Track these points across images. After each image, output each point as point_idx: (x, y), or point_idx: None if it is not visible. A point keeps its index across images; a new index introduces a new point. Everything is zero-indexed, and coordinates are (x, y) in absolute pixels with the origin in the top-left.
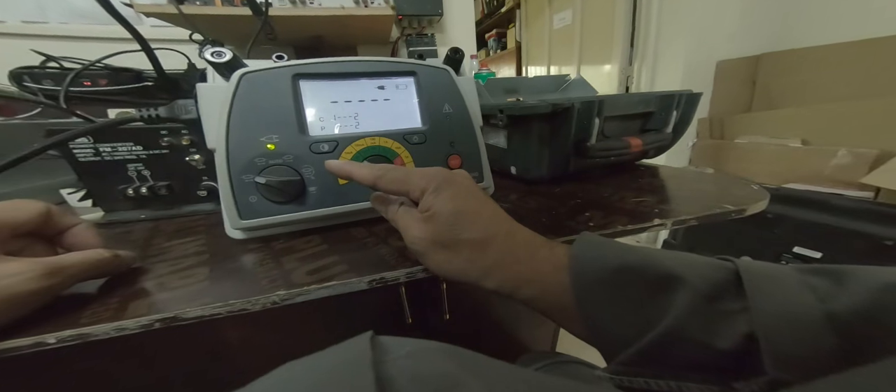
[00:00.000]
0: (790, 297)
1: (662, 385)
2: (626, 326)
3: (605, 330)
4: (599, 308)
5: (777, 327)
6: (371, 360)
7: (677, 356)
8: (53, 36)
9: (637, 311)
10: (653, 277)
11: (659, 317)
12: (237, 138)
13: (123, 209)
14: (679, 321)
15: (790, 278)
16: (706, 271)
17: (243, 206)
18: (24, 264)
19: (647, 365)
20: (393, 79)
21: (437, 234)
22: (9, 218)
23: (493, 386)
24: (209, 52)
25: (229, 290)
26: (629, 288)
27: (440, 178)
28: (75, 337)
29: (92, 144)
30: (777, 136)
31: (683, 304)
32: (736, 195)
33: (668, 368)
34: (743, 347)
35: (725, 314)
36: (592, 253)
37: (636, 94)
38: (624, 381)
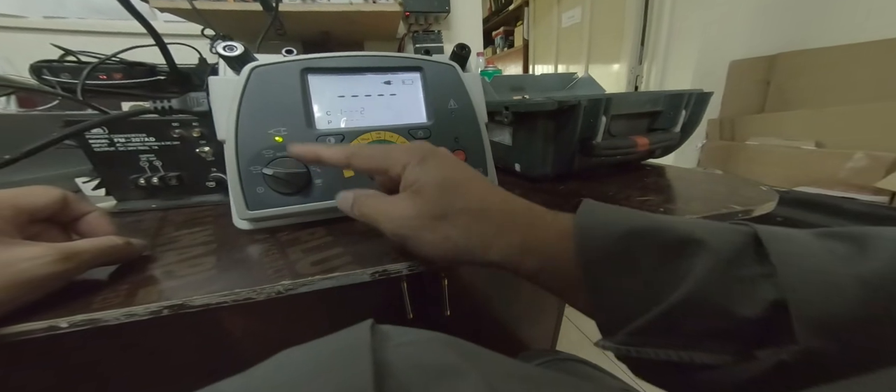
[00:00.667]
0: (816, 261)
1: (672, 355)
2: (636, 296)
3: (611, 301)
4: (607, 275)
5: (809, 292)
6: (370, 345)
7: (694, 324)
8: (72, 30)
9: (649, 279)
10: (669, 240)
11: (674, 283)
12: (246, 130)
13: (135, 198)
14: (699, 286)
15: (811, 242)
16: (726, 234)
17: (251, 196)
18: (41, 248)
19: (659, 335)
20: (399, 74)
21: (429, 208)
22: (28, 203)
23: (491, 375)
24: (221, 46)
25: (235, 280)
26: (639, 254)
27: (422, 150)
28: (87, 322)
29: (107, 135)
30: (790, 137)
31: (704, 269)
32: (743, 195)
33: (681, 338)
34: (769, 314)
35: (748, 280)
36: (598, 218)
37: (644, 93)
38: (631, 351)
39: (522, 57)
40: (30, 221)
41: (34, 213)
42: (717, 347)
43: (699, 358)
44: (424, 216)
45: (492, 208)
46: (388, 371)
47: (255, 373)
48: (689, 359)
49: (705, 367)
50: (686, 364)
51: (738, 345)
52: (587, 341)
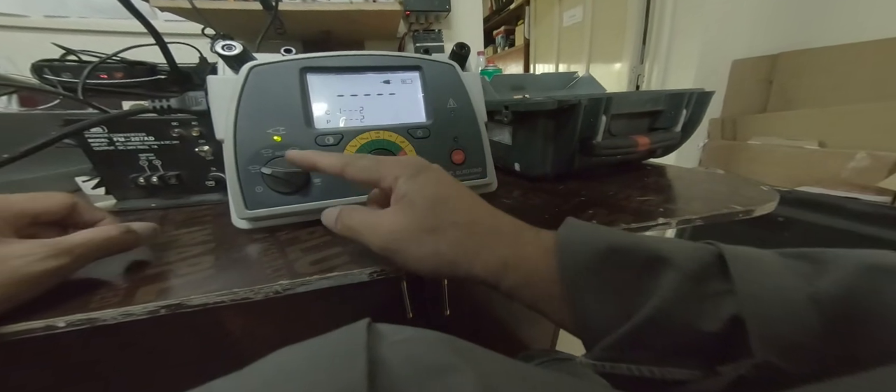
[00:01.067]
0: (774, 279)
1: (645, 371)
2: (612, 311)
3: (591, 316)
4: (587, 292)
5: (763, 308)
6: (365, 343)
7: (662, 340)
8: (73, 30)
9: (623, 295)
10: (641, 259)
11: (644, 299)
12: (245, 130)
13: (135, 198)
14: (665, 303)
15: (773, 261)
16: (692, 252)
17: (249, 196)
18: (32, 245)
19: (630, 350)
20: (398, 73)
21: (419, 221)
22: (30, 207)
23: (486, 373)
24: (220, 45)
25: (234, 279)
26: (616, 271)
27: (415, 165)
28: (84, 321)
29: (106, 134)
30: (793, 137)
31: (670, 285)
32: (744, 195)
33: (651, 353)
34: (728, 330)
35: (711, 296)
36: (580, 236)
37: (645, 92)
38: (606, 367)
39: (523, 56)
40: (30, 224)
41: (36, 216)
42: (685, 363)
43: (670, 374)
44: (414, 229)
45: (480, 223)
46: (382, 368)
47: (250, 371)
48: (660, 375)
49: (676, 383)
50: (658, 380)
51: (703, 360)
52: None
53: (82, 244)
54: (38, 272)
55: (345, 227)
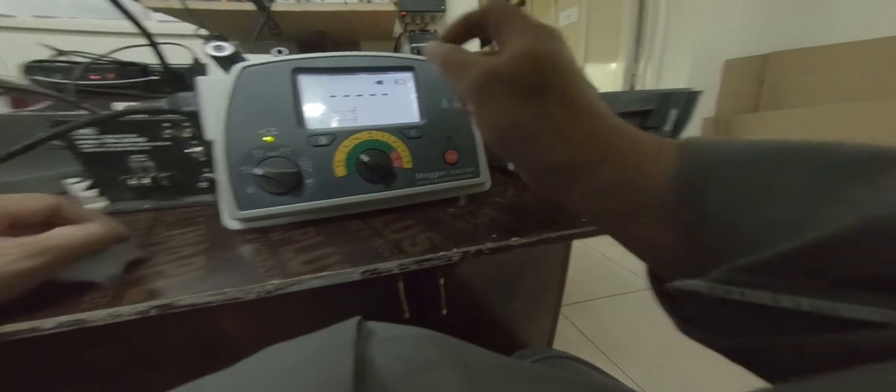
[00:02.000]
0: None
1: (804, 303)
2: (763, 224)
3: (721, 228)
4: (730, 196)
5: None
6: (354, 340)
7: (858, 265)
8: (63, 30)
9: (794, 204)
10: (843, 157)
11: (839, 211)
12: (236, 130)
13: (127, 199)
14: (880, 213)
15: None
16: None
17: (241, 197)
18: (7, 244)
19: (788, 275)
20: (391, 73)
21: (523, 74)
22: (12, 207)
23: (472, 369)
24: (210, 46)
25: (225, 279)
26: (786, 174)
27: (549, 29)
28: (72, 323)
29: (96, 136)
30: (784, 136)
31: (876, 189)
32: None
33: (827, 281)
34: None
35: None
36: (722, 140)
37: (636, 92)
38: (733, 292)
39: None
40: (10, 226)
41: (15, 217)
42: (881, 300)
43: (849, 311)
44: (517, 80)
45: (588, 110)
46: (369, 364)
47: (240, 368)
48: (831, 310)
49: (851, 325)
50: (822, 316)
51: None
52: (584, 340)
53: (62, 243)
54: (12, 272)
55: (445, 61)
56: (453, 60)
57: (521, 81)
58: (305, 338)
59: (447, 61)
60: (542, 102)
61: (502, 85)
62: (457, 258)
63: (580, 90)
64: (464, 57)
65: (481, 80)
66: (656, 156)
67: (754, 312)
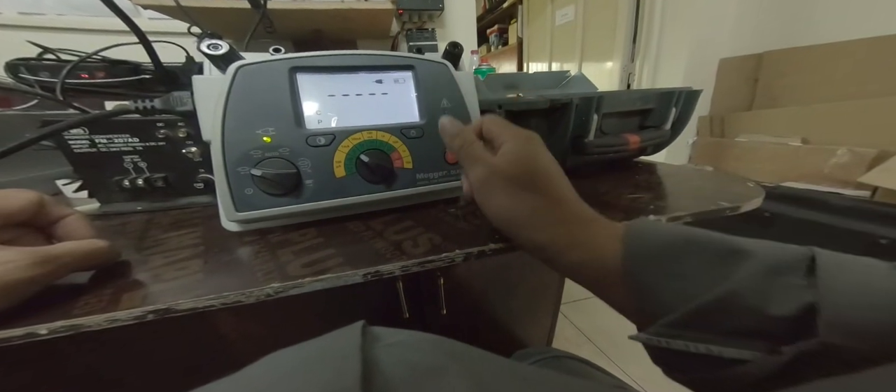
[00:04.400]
0: (861, 277)
1: (702, 348)
2: (677, 294)
3: (652, 297)
4: (652, 276)
5: (840, 297)
6: (360, 345)
7: (728, 321)
8: (50, 27)
9: (692, 280)
10: (720, 249)
11: (716, 284)
12: (233, 130)
13: (119, 201)
14: (738, 286)
15: (870, 265)
16: (778, 251)
17: (239, 198)
18: (14, 253)
19: (691, 328)
20: (391, 73)
21: (518, 177)
22: (2, 207)
23: (480, 374)
24: (205, 44)
25: (224, 283)
26: (689, 258)
27: (529, 136)
28: (67, 328)
29: (87, 136)
30: (777, 134)
31: (746, 273)
32: (732, 192)
33: (713, 332)
34: (800, 315)
35: (788, 286)
36: (651, 227)
37: (636, 91)
38: (661, 342)
39: (517, 55)
40: (4, 226)
41: (9, 216)
42: (747, 344)
43: (728, 353)
44: (512, 180)
45: (563, 202)
46: (376, 369)
47: (244, 374)
48: (718, 352)
49: (732, 362)
50: (713, 357)
51: (767, 342)
52: (583, 338)
53: (66, 254)
54: (18, 280)
55: (463, 152)
56: (469, 153)
57: (515, 180)
58: (309, 343)
59: (465, 153)
60: (529, 197)
61: (501, 182)
62: (460, 259)
63: (557, 185)
64: (475, 151)
65: (486, 175)
66: (608, 242)
67: (683, 356)
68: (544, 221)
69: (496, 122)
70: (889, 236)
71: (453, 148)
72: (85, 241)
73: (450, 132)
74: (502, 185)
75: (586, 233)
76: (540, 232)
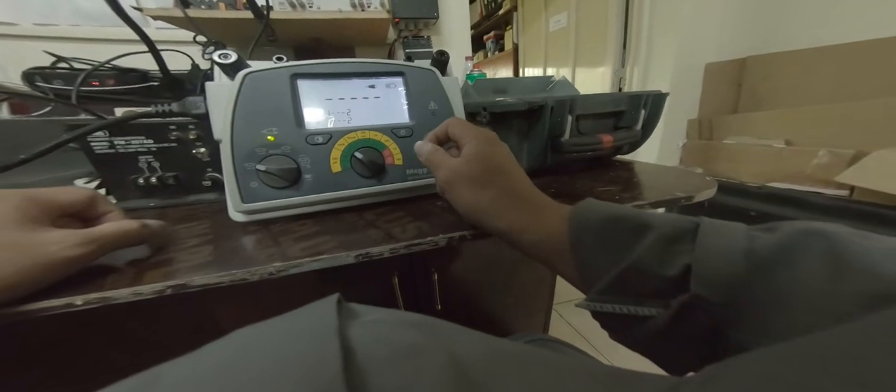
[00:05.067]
0: (726, 239)
1: (624, 309)
2: (606, 263)
3: (590, 268)
4: (588, 250)
5: (705, 256)
6: (337, 323)
7: (637, 284)
8: (64, 37)
9: (615, 252)
10: (632, 225)
11: (629, 253)
12: (241, 130)
13: (134, 198)
14: (641, 256)
15: (738, 229)
16: (675, 222)
17: (245, 190)
18: (64, 233)
19: (614, 293)
20: (383, 78)
21: (476, 174)
22: (60, 199)
23: (458, 351)
24: (216, 54)
25: (231, 264)
26: (614, 233)
27: (489, 137)
28: (99, 300)
29: (108, 138)
30: (762, 136)
31: (647, 244)
32: (689, 185)
33: (630, 296)
34: (682, 275)
35: (677, 252)
36: (591, 207)
37: (606, 94)
38: (596, 306)
39: (513, 60)
40: (60, 215)
41: (64, 207)
42: (652, 302)
43: (641, 311)
44: (471, 177)
45: (518, 193)
46: (349, 348)
47: (206, 354)
48: (635, 312)
49: (645, 318)
50: (633, 316)
51: (664, 299)
52: (578, 336)
53: (108, 234)
54: (69, 257)
55: (429, 160)
56: (433, 160)
57: (475, 178)
58: (280, 319)
59: (429, 161)
60: (489, 192)
61: (462, 180)
62: (443, 243)
63: (514, 180)
64: (438, 159)
65: (449, 176)
66: (556, 223)
67: (614, 318)
68: (502, 210)
69: (458, 124)
70: None
71: (422, 158)
72: (121, 222)
73: (421, 154)
74: (464, 183)
75: (539, 216)
76: (499, 219)
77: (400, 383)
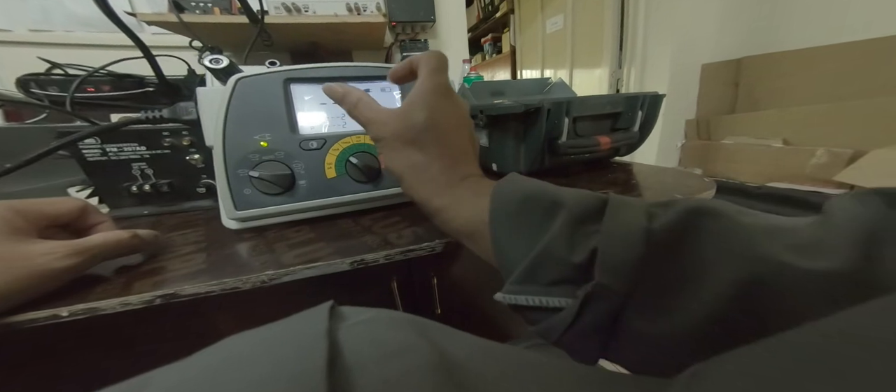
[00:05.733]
0: (628, 219)
1: (534, 301)
2: (521, 250)
3: (507, 254)
4: (505, 234)
5: (608, 241)
6: (327, 327)
7: (547, 272)
8: (58, 44)
9: (529, 236)
10: (545, 204)
11: (541, 238)
12: (233, 136)
13: (128, 205)
14: (550, 240)
15: (640, 207)
16: (583, 199)
17: (239, 197)
18: (54, 244)
19: (527, 283)
20: (377, 82)
21: (404, 132)
22: (48, 209)
23: (448, 352)
24: (208, 59)
25: (224, 272)
26: (528, 215)
27: (445, 86)
28: (86, 311)
29: (99, 145)
30: (760, 136)
31: (557, 226)
32: (687, 185)
33: (541, 285)
34: (589, 260)
35: (586, 234)
36: (509, 186)
37: (604, 96)
38: (510, 299)
39: (510, 63)
40: (48, 225)
41: (54, 218)
42: (561, 292)
43: (551, 302)
44: (397, 136)
45: (443, 159)
46: (340, 351)
47: (195, 360)
48: (545, 303)
49: (556, 309)
50: (545, 308)
51: (572, 287)
52: None
53: (97, 245)
54: (57, 269)
55: (354, 112)
56: (358, 113)
57: (400, 136)
58: (271, 326)
59: (355, 112)
60: (411, 152)
61: (389, 139)
62: (440, 248)
63: (443, 145)
64: (363, 113)
65: (377, 133)
66: (478, 203)
67: (529, 310)
68: (424, 178)
69: (425, 60)
70: None
71: (346, 109)
72: (111, 232)
73: (339, 95)
74: (390, 143)
75: (464, 194)
76: (420, 189)
77: (387, 381)
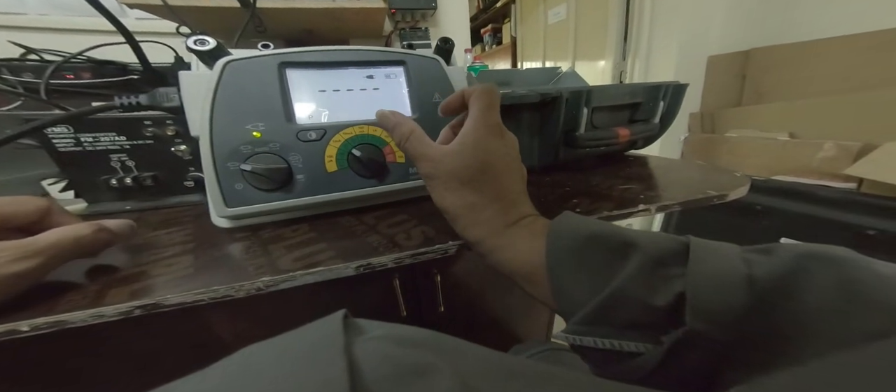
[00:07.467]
0: (722, 263)
1: (606, 343)
2: (585, 290)
3: (567, 293)
4: (566, 272)
5: (701, 285)
6: (343, 340)
7: (622, 315)
8: (33, 27)
9: (595, 276)
10: (615, 244)
11: (611, 279)
12: (222, 126)
13: (107, 200)
14: (626, 282)
15: (731, 251)
16: (661, 241)
17: (229, 193)
18: (1, 246)
19: (596, 324)
20: (382, 68)
21: (457, 171)
22: (3, 210)
23: (468, 372)
24: (192, 40)
25: (214, 278)
26: (593, 254)
27: (500, 128)
28: (50, 324)
29: (72, 134)
30: (766, 129)
31: (633, 267)
32: (718, 182)
33: (613, 327)
34: (675, 304)
35: (667, 277)
36: (568, 223)
37: (625, 85)
38: (575, 340)
39: (511, 54)
40: (1, 228)
41: (7, 220)
42: (640, 336)
43: (626, 346)
44: (451, 174)
45: (499, 200)
46: (358, 366)
47: (215, 371)
48: (619, 347)
49: (632, 354)
50: (617, 351)
51: (654, 332)
52: None
53: (53, 244)
54: (7, 275)
55: (406, 147)
56: (409, 148)
57: (456, 175)
58: (287, 336)
59: (406, 146)
60: (467, 193)
61: (442, 175)
62: (453, 251)
63: (498, 185)
64: (415, 148)
65: (428, 170)
66: (534, 243)
67: (597, 353)
68: (476, 219)
69: (480, 96)
70: (876, 227)
71: (396, 141)
72: (69, 227)
73: (390, 124)
74: (442, 181)
75: (517, 234)
76: (470, 228)
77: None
